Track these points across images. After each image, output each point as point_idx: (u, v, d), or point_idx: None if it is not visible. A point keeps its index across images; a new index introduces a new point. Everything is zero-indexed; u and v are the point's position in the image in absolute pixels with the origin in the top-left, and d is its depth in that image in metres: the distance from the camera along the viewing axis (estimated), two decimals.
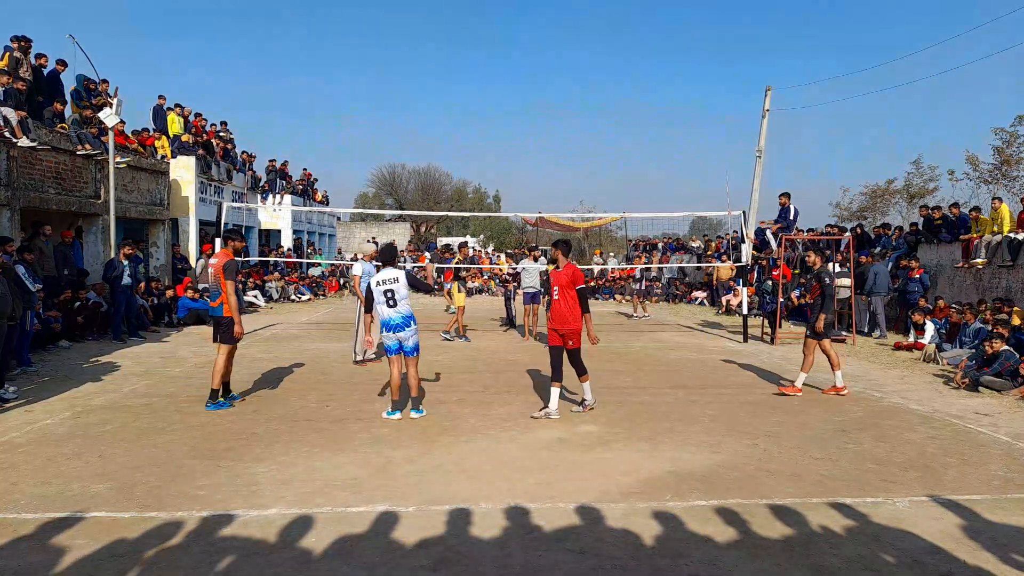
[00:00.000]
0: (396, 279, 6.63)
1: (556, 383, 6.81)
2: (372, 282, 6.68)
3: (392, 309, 6.59)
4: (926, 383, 8.91)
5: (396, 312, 6.59)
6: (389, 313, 6.60)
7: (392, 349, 6.70)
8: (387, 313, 6.61)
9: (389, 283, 6.62)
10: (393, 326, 6.59)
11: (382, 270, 6.74)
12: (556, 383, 6.81)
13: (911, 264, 13.87)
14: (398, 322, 6.59)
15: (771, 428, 6.48)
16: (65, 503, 4.38)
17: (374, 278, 6.70)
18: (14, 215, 11.40)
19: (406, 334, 6.60)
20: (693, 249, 25.97)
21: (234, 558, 3.66)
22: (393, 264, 6.83)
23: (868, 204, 32.15)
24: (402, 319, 6.60)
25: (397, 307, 6.60)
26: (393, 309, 6.59)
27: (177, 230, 17.87)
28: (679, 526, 4.14)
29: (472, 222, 48.59)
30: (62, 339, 10.61)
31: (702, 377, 9.18)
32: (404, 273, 6.73)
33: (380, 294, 6.60)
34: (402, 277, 6.67)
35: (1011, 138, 24.44)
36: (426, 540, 3.91)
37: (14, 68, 12.31)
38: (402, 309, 6.61)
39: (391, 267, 6.76)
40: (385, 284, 6.62)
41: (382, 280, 6.63)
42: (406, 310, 6.63)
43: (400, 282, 6.63)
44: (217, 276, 6.89)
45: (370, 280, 6.75)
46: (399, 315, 6.60)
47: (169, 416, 6.65)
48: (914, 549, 3.87)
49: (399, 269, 6.76)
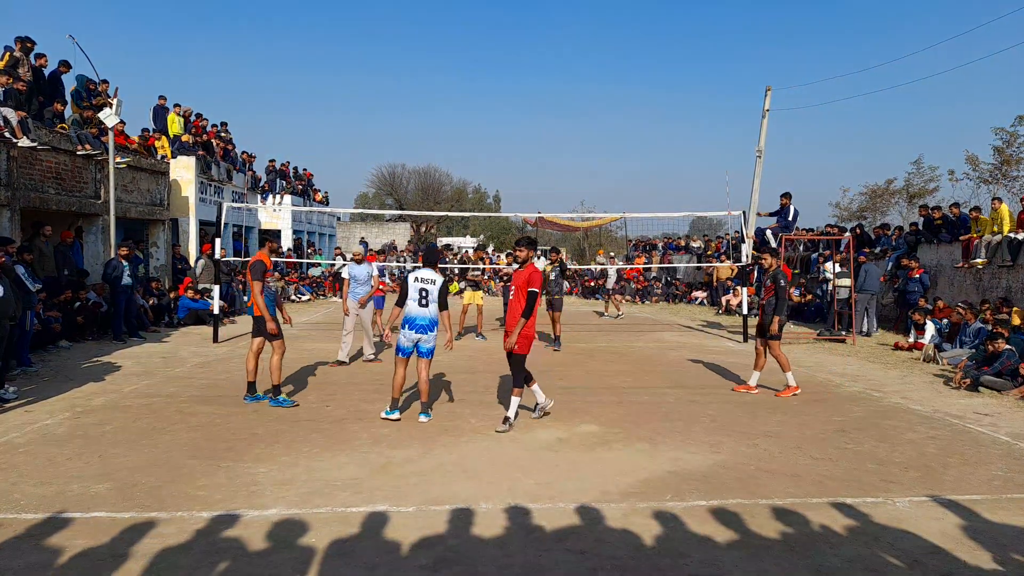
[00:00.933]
0: (434, 281, 6.55)
1: (525, 386, 6.52)
2: (410, 277, 6.58)
3: (422, 309, 6.50)
4: (926, 383, 8.91)
5: (425, 312, 6.50)
6: (418, 311, 6.50)
7: (405, 351, 6.55)
8: (416, 311, 6.50)
9: (427, 283, 6.54)
10: (418, 326, 6.48)
11: (421, 268, 6.68)
12: (525, 386, 6.52)
13: (911, 264, 13.88)
14: (424, 323, 6.49)
15: (771, 428, 6.48)
16: (65, 503, 4.38)
17: (412, 274, 6.60)
18: (14, 215, 11.40)
19: (428, 336, 6.52)
20: (693, 249, 25.99)
21: (234, 558, 3.66)
22: (434, 266, 6.74)
23: (868, 204, 32.15)
24: (428, 321, 6.51)
25: (427, 308, 6.51)
26: (423, 309, 6.51)
27: (177, 230, 17.86)
28: (679, 526, 4.14)
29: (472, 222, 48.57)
30: (62, 339, 10.61)
31: (702, 377, 9.18)
32: (443, 280, 6.62)
33: (415, 291, 6.51)
34: (440, 281, 6.57)
35: (1011, 138, 24.45)
36: (426, 540, 3.91)
37: (12, 68, 12.31)
38: (431, 312, 6.52)
39: (431, 269, 6.68)
40: (422, 283, 6.53)
41: (420, 278, 6.55)
42: (434, 314, 6.54)
43: (436, 284, 6.54)
44: (246, 276, 6.91)
45: (408, 275, 6.67)
46: (426, 317, 6.50)
47: (169, 416, 6.65)
48: (914, 549, 3.87)
49: (439, 274, 6.67)
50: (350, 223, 44.72)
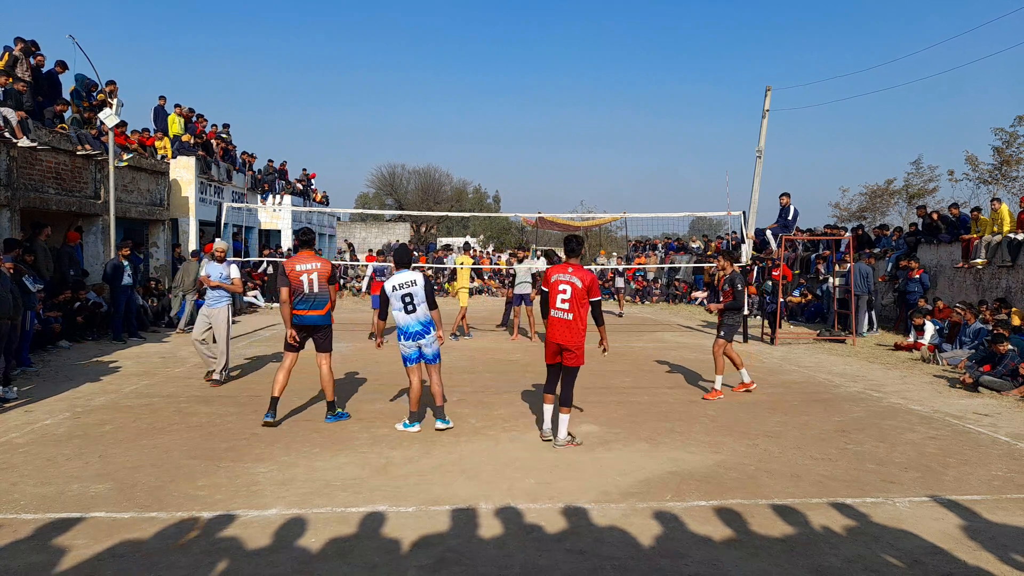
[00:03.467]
0: (414, 282, 6.15)
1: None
2: (388, 287, 6.17)
3: (411, 315, 6.15)
4: (926, 383, 8.91)
5: (414, 318, 6.15)
6: (407, 320, 6.16)
7: (411, 358, 6.26)
8: (405, 320, 6.16)
9: (407, 287, 6.13)
10: (412, 333, 6.17)
11: (397, 273, 6.25)
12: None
13: (911, 264, 13.88)
14: (417, 329, 6.16)
15: (771, 428, 6.48)
16: (65, 503, 4.38)
17: (389, 282, 6.19)
18: (14, 215, 11.39)
19: (426, 340, 6.20)
20: (693, 249, 25.96)
21: (234, 558, 3.66)
22: (408, 266, 6.33)
23: (867, 204, 32.16)
24: (421, 326, 6.17)
25: (416, 313, 6.15)
26: (412, 315, 6.15)
27: (177, 230, 17.85)
28: (679, 526, 4.14)
29: (472, 222, 48.53)
30: (62, 339, 10.61)
31: (702, 377, 9.17)
32: (423, 277, 6.24)
33: (398, 299, 6.13)
34: (420, 280, 6.19)
35: (1011, 138, 24.45)
36: (426, 540, 3.91)
37: (11, 67, 12.30)
38: (420, 315, 6.17)
39: (407, 269, 6.28)
40: (403, 288, 6.13)
41: (399, 284, 6.13)
42: (424, 316, 6.19)
43: (418, 285, 6.16)
44: (323, 283, 6.45)
45: (385, 284, 6.26)
46: (417, 321, 6.16)
47: (169, 416, 6.64)
48: (914, 549, 3.87)
49: (416, 272, 6.27)
50: (350, 223, 44.69)
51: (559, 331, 5.71)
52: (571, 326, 5.68)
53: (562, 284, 5.74)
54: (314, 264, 6.46)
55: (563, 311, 5.71)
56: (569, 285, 5.71)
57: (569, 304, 5.68)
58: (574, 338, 5.67)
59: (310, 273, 6.42)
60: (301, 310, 6.42)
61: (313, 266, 6.45)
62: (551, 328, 5.80)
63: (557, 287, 5.76)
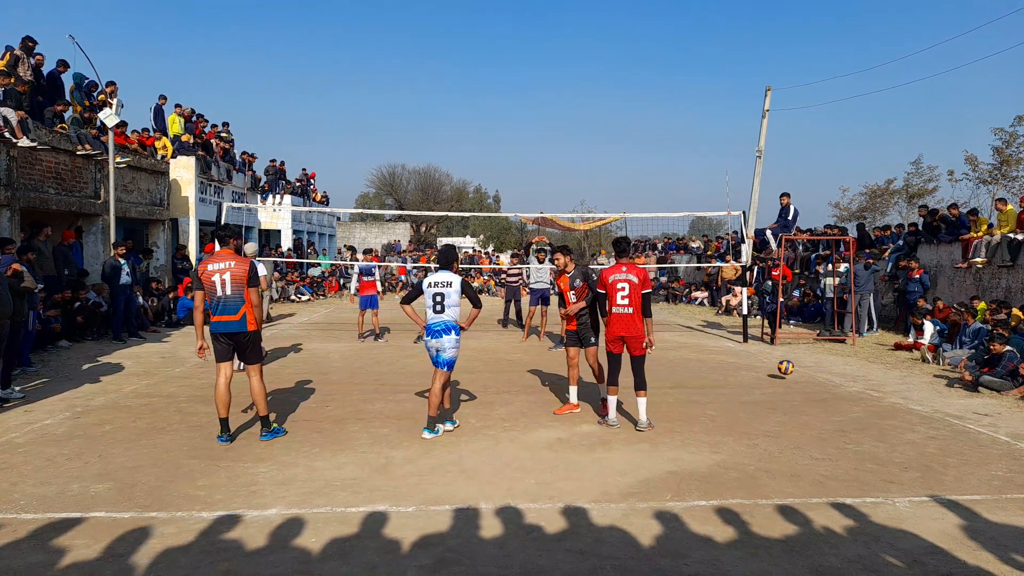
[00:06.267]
0: (449, 283, 6.20)
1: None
2: (424, 283, 6.28)
3: (438, 315, 6.19)
4: (926, 383, 8.91)
5: (440, 318, 6.19)
6: (433, 318, 6.22)
7: (433, 360, 6.30)
8: (432, 318, 6.22)
9: (441, 286, 6.20)
10: (433, 332, 6.20)
11: (437, 272, 6.33)
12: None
13: (911, 264, 13.87)
14: (439, 328, 6.18)
15: (771, 428, 6.48)
16: (65, 503, 4.38)
17: (427, 279, 6.28)
18: (14, 215, 11.40)
19: (443, 342, 6.17)
20: (693, 249, 25.98)
21: (234, 558, 3.66)
22: (449, 267, 6.38)
23: (867, 204, 32.16)
24: (443, 326, 6.18)
25: (443, 314, 6.19)
26: (439, 315, 6.19)
27: (177, 230, 17.86)
28: (679, 526, 4.14)
29: (472, 222, 48.53)
30: (62, 339, 10.61)
31: (702, 377, 9.18)
32: (460, 280, 6.27)
33: (430, 296, 6.21)
34: (457, 283, 6.23)
35: (1011, 138, 24.45)
36: (426, 540, 3.91)
37: (12, 67, 12.30)
38: (447, 316, 6.20)
39: (447, 271, 6.33)
40: (437, 287, 6.21)
41: (434, 282, 6.23)
42: (451, 318, 6.21)
43: (454, 287, 6.19)
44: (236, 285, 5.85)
45: (423, 280, 6.34)
46: (442, 321, 6.19)
47: (169, 416, 6.64)
48: (914, 549, 3.87)
49: (456, 275, 6.32)
50: (350, 223, 44.69)
51: (622, 324, 6.37)
52: (632, 318, 6.35)
53: (620, 283, 6.40)
54: (227, 263, 5.86)
55: (623, 306, 6.38)
56: (627, 283, 6.37)
57: (629, 299, 6.36)
58: (636, 328, 6.35)
59: (222, 273, 5.81)
60: (217, 316, 5.85)
61: (226, 265, 5.84)
62: (613, 323, 6.44)
63: (616, 286, 6.41)
